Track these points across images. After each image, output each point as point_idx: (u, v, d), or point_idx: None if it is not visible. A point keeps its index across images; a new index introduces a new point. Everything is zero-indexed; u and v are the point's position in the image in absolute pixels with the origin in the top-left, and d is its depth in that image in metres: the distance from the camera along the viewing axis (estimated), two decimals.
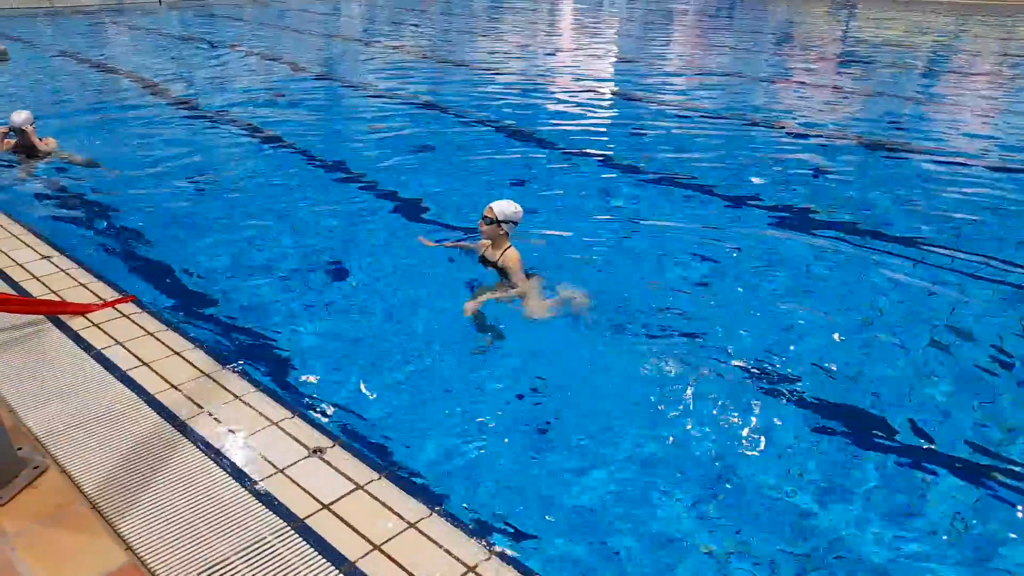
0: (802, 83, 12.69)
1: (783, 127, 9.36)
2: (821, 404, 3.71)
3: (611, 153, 8.07)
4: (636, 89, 12.03)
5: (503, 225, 4.35)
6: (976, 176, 7.45)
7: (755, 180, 7.15)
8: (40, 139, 7.08)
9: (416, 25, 21.22)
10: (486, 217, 4.35)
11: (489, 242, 4.51)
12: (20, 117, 6.85)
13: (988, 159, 8.15)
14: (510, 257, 4.40)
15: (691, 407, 3.62)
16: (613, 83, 12.83)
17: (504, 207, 4.33)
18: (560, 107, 10.43)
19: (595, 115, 10.01)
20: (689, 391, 3.74)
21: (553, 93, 11.53)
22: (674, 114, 10.11)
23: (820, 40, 19.01)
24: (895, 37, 19.44)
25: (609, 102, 11.10)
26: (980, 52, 16.96)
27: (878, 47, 17.24)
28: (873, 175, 7.45)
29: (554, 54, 16.07)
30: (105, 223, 5.86)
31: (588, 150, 8.09)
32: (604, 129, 9.26)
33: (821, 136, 8.94)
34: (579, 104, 10.58)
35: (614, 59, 15.96)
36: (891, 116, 10.23)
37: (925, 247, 5.56)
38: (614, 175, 7.31)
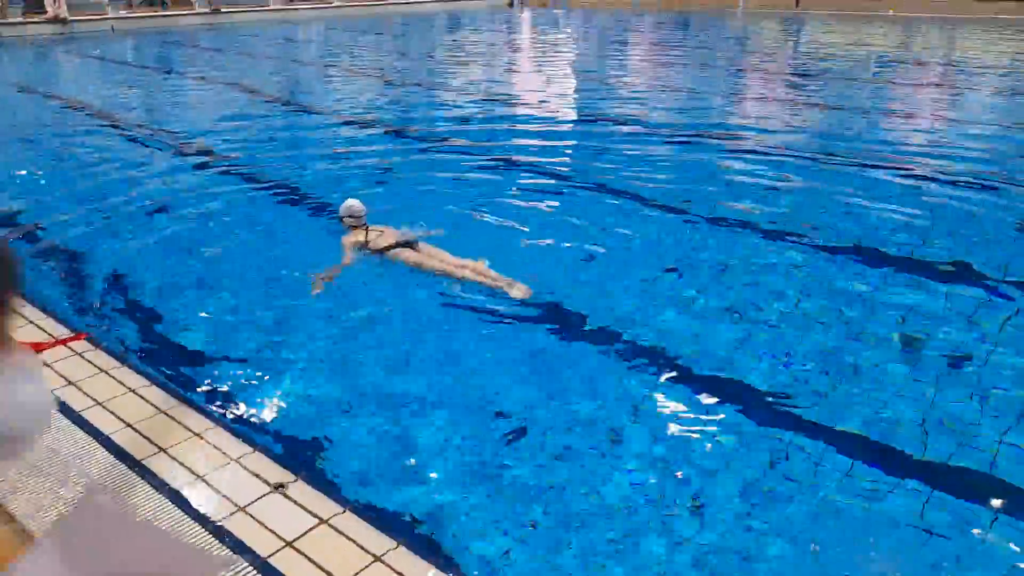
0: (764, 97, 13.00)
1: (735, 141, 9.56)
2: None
3: (574, 171, 8.15)
4: (595, 109, 12.20)
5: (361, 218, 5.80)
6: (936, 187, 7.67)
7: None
8: None
9: (374, 49, 21.24)
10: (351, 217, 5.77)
11: (356, 235, 5.64)
12: None
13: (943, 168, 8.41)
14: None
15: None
16: (573, 102, 13.00)
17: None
18: (519, 126, 10.53)
19: (553, 134, 10.11)
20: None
21: (511, 113, 11.63)
22: (637, 133, 10.26)
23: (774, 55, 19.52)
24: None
25: (566, 120, 11.23)
26: (920, 61, 17.55)
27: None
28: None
29: (511, 75, 16.23)
30: (55, 258, 5.72)
31: (548, 168, 8.16)
32: (564, 147, 9.36)
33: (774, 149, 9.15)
34: (537, 122, 10.69)
35: (572, 79, 16.17)
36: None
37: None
38: (573, 191, 7.37)
